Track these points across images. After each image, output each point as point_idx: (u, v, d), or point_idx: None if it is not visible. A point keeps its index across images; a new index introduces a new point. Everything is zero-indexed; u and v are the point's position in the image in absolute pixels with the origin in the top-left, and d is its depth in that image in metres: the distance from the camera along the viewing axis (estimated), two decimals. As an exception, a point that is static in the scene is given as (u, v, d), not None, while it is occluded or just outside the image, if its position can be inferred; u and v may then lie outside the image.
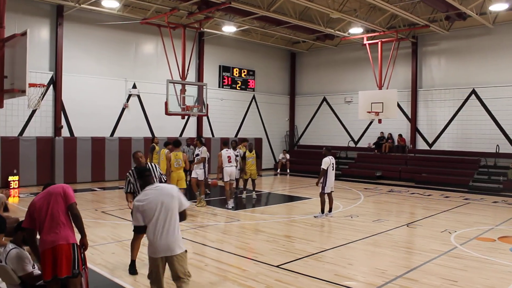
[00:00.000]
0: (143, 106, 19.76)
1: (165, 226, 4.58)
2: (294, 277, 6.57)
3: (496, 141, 18.69)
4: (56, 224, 4.58)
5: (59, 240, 4.54)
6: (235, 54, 23.53)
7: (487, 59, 19.14)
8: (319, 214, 11.29)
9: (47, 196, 4.73)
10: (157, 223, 4.58)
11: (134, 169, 6.80)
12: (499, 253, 8.08)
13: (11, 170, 15.79)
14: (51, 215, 4.59)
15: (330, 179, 11.20)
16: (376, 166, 21.18)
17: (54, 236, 4.54)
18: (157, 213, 4.58)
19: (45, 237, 4.56)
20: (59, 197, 4.69)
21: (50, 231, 4.55)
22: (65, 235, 4.58)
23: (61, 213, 4.64)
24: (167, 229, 4.59)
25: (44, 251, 4.53)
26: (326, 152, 11.38)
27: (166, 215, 4.60)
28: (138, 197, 4.79)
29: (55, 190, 4.77)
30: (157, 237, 4.56)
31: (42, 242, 4.57)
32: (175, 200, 4.70)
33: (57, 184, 4.96)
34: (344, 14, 17.37)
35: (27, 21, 15.99)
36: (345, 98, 24.06)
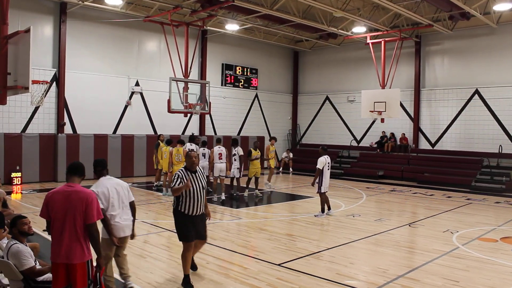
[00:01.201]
0: (145, 103, 19.78)
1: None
2: (295, 276, 6.58)
3: (499, 141, 18.64)
4: (74, 241, 4.27)
5: (74, 258, 4.27)
6: (238, 52, 23.52)
7: (491, 59, 19.08)
8: (319, 213, 11.29)
9: (66, 203, 4.28)
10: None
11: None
12: (501, 253, 8.07)
13: (14, 166, 15.84)
14: (69, 229, 4.26)
15: (325, 179, 11.18)
16: (378, 166, 21.16)
17: (69, 252, 4.25)
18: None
19: (59, 249, 4.27)
20: (79, 212, 4.27)
21: (66, 245, 4.25)
22: (81, 254, 4.29)
23: (79, 231, 4.28)
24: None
25: (58, 265, 4.28)
26: (322, 152, 11.36)
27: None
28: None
29: (76, 203, 4.28)
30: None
31: (55, 253, 4.29)
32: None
33: (80, 190, 4.36)
34: (348, 13, 17.34)
35: (30, 18, 16.02)
36: (348, 97, 24.04)
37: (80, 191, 4.35)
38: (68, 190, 4.36)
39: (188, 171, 6.03)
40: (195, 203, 5.99)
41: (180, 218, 6.08)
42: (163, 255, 7.58)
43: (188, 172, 6.02)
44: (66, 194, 4.33)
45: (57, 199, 4.32)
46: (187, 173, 6.01)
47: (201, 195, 6.04)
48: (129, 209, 5.64)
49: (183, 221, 6.05)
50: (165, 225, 10.01)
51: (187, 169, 6.06)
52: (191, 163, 6.07)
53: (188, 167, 6.07)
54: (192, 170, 6.05)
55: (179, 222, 6.09)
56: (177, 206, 6.05)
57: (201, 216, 6.19)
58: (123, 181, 5.79)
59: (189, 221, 6.03)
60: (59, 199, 4.32)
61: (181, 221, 6.07)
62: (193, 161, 6.06)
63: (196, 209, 6.02)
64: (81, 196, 4.31)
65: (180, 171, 6.04)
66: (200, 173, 6.15)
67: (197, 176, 6.05)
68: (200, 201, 6.05)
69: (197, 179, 6.03)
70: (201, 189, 6.05)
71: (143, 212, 11.42)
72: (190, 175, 5.98)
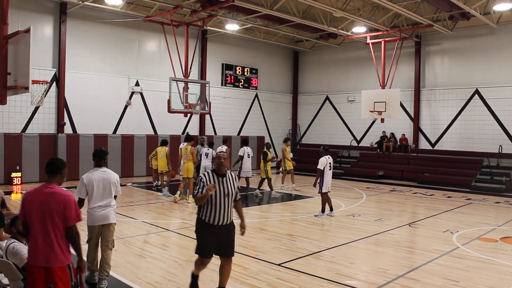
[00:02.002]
0: (145, 103, 19.78)
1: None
2: (295, 276, 6.58)
3: (499, 141, 18.65)
4: (52, 244, 4.04)
5: (53, 261, 4.05)
6: (238, 52, 23.52)
7: (491, 59, 19.08)
8: (320, 213, 11.28)
9: (44, 205, 4.05)
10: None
11: None
12: (501, 253, 8.07)
13: (14, 166, 15.84)
14: (47, 232, 4.03)
15: (327, 179, 11.14)
16: (378, 166, 21.16)
17: (49, 255, 4.04)
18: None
19: (37, 252, 4.06)
20: (57, 215, 4.04)
21: (44, 247, 4.04)
22: (61, 257, 4.08)
23: (58, 234, 4.06)
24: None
25: (36, 268, 4.07)
26: (323, 152, 11.34)
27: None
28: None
29: (54, 205, 4.04)
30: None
31: (33, 256, 4.07)
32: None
33: (59, 192, 4.12)
34: (348, 13, 17.34)
35: (30, 18, 16.02)
36: (348, 97, 24.04)
37: (58, 193, 4.08)
38: (46, 192, 4.10)
39: (215, 174, 5.32)
40: (218, 211, 5.23)
41: (199, 227, 5.38)
42: (163, 255, 7.58)
43: (215, 175, 5.31)
44: (44, 195, 4.08)
45: (34, 200, 4.08)
46: (213, 176, 5.30)
47: (226, 202, 5.26)
48: (112, 201, 6.01)
49: (202, 231, 5.34)
50: (165, 225, 10.02)
51: (214, 172, 5.37)
52: (218, 165, 5.35)
53: (216, 170, 5.39)
54: (220, 173, 5.33)
55: (198, 232, 5.40)
56: (199, 213, 5.37)
57: (227, 227, 5.36)
58: (116, 177, 6.13)
59: (210, 232, 5.28)
60: (35, 200, 4.08)
61: (200, 231, 5.37)
62: (221, 162, 5.33)
63: (219, 218, 5.24)
64: (59, 198, 4.05)
65: (205, 174, 5.33)
66: (229, 178, 5.38)
67: (224, 181, 5.30)
68: (225, 209, 5.26)
69: (223, 184, 5.27)
70: (227, 195, 5.27)
71: (143, 212, 11.43)
72: (217, 179, 5.26)
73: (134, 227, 9.68)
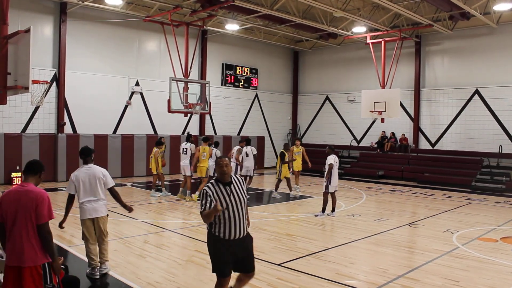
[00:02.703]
0: (145, 103, 19.78)
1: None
2: (295, 276, 6.57)
3: (499, 141, 18.65)
4: (24, 242, 4.03)
5: (25, 261, 4.02)
6: (238, 52, 23.52)
7: (491, 59, 19.08)
8: (320, 213, 11.28)
9: (17, 203, 4.06)
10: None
11: None
12: (501, 253, 8.07)
13: (14, 166, 15.83)
14: (19, 230, 4.03)
15: (334, 178, 11.12)
16: (378, 166, 21.16)
17: (21, 255, 4.02)
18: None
19: (11, 251, 4.07)
20: (30, 212, 4.03)
21: (17, 247, 4.03)
22: (33, 256, 4.04)
23: (31, 232, 4.05)
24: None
25: (9, 267, 4.09)
26: (329, 151, 11.33)
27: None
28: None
29: (27, 203, 4.05)
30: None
31: (8, 256, 4.09)
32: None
33: (32, 190, 4.14)
34: (348, 13, 17.34)
35: (30, 18, 16.02)
36: (348, 97, 24.04)
37: (31, 191, 4.11)
38: (20, 190, 4.13)
39: (220, 184, 4.72)
40: (232, 224, 4.65)
41: (213, 244, 4.74)
42: (163, 255, 7.58)
43: (220, 185, 4.71)
44: (18, 194, 4.10)
45: (9, 199, 4.11)
46: (218, 186, 4.69)
47: (239, 212, 4.69)
48: (101, 195, 6.30)
49: (218, 248, 4.71)
50: (165, 225, 10.02)
51: (218, 182, 4.74)
52: (221, 174, 4.71)
53: (219, 179, 4.77)
54: (224, 181, 4.74)
55: (212, 249, 4.77)
56: (210, 228, 4.76)
57: (243, 240, 4.80)
58: (102, 171, 6.34)
59: (226, 248, 4.68)
60: (10, 199, 4.10)
61: (214, 248, 4.74)
62: (223, 171, 4.69)
63: (234, 231, 4.66)
64: (31, 196, 4.07)
65: (208, 186, 4.69)
66: (237, 184, 4.79)
67: (232, 189, 4.72)
68: (239, 221, 4.69)
69: (232, 193, 4.69)
70: (239, 205, 4.70)
71: (143, 212, 11.43)
72: (224, 189, 4.68)
73: (134, 227, 9.68)
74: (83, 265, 6.59)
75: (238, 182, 4.82)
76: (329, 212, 11.35)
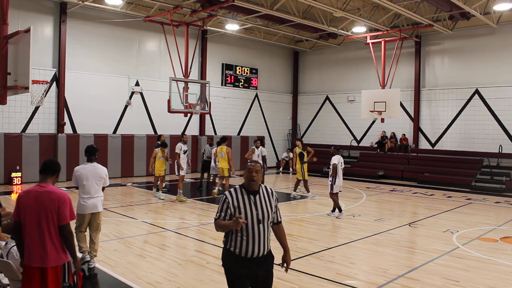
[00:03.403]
0: (145, 103, 19.78)
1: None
2: (296, 276, 6.57)
3: (499, 141, 18.65)
4: (47, 243, 4.06)
5: (49, 262, 4.06)
6: (238, 52, 23.52)
7: (491, 59, 19.07)
8: (331, 212, 11.27)
9: (38, 204, 4.06)
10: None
11: None
12: (501, 253, 8.07)
13: (14, 166, 15.83)
14: (41, 231, 4.05)
15: (339, 179, 11.12)
16: (378, 166, 21.16)
17: (43, 255, 4.05)
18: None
19: (33, 252, 4.08)
20: (52, 213, 4.05)
21: (39, 247, 4.05)
22: (55, 257, 4.09)
23: (53, 233, 4.07)
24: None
25: (31, 268, 4.09)
26: (334, 151, 11.35)
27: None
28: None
29: (49, 204, 4.06)
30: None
31: (28, 257, 4.09)
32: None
33: (53, 191, 4.14)
34: (348, 13, 17.34)
35: (30, 18, 16.02)
36: (348, 97, 24.04)
37: (52, 192, 4.10)
38: (40, 191, 4.12)
39: (244, 191, 3.98)
40: (251, 240, 3.93)
41: (228, 261, 4.03)
42: (163, 255, 7.58)
43: (245, 192, 3.97)
44: (38, 194, 4.09)
45: (28, 200, 4.09)
46: (242, 194, 3.96)
47: (261, 228, 3.97)
48: (100, 192, 6.73)
49: (232, 266, 4.00)
50: (165, 225, 10.02)
51: (243, 188, 4.01)
52: (249, 180, 3.97)
53: (246, 185, 4.02)
54: (251, 189, 4.01)
55: (227, 267, 4.05)
56: (226, 241, 4.08)
57: (263, 259, 4.08)
58: (104, 171, 6.76)
59: (242, 267, 3.96)
60: (30, 200, 4.09)
61: (229, 265, 4.03)
62: (252, 177, 3.94)
63: (253, 249, 3.94)
64: (53, 196, 4.07)
65: (230, 192, 4.00)
66: (264, 195, 4.07)
67: (257, 200, 3.99)
68: (260, 238, 3.97)
69: (256, 205, 3.97)
70: (263, 220, 3.99)
71: (143, 212, 11.43)
72: (247, 198, 3.95)
73: (134, 227, 9.68)
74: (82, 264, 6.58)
75: (267, 193, 4.10)
76: (330, 212, 11.36)
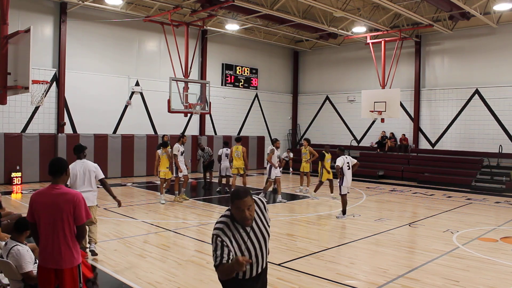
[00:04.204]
0: (145, 103, 19.78)
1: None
2: (296, 276, 6.57)
3: (499, 141, 18.65)
4: (62, 245, 4.07)
5: (64, 263, 4.09)
6: (238, 52, 23.52)
7: (491, 59, 19.07)
8: (340, 215, 11.17)
9: (53, 206, 4.04)
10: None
11: None
12: (501, 253, 8.07)
13: (14, 166, 15.83)
14: (56, 233, 4.05)
15: (347, 179, 11.09)
16: (378, 166, 21.15)
17: (59, 257, 4.07)
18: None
19: (48, 253, 4.09)
20: (67, 215, 4.05)
21: (54, 249, 4.07)
22: (70, 259, 4.11)
23: (68, 234, 4.08)
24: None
25: (47, 269, 4.12)
26: (339, 152, 11.38)
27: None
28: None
29: (64, 205, 4.04)
30: None
31: (44, 258, 4.12)
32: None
33: (67, 192, 4.13)
34: (348, 13, 17.34)
35: (30, 18, 16.03)
36: (348, 97, 24.04)
37: (66, 193, 4.11)
38: (54, 193, 4.09)
39: (237, 225, 3.45)
40: (254, 265, 3.65)
41: (230, 283, 3.61)
42: (163, 255, 7.58)
43: (238, 227, 3.45)
44: (52, 196, 4.07)
45: (43, 202, 4.08)
46: (236, 230, 3.45)
47: (262, 250, 3.65)
48: (92, 185, 7.15)
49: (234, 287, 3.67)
50: (165, 225, 10.02)
51: (235, 221, 3.46)
52: (243, 221, 3.42)
53: (239, 222, 3.45)
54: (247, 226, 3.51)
55: (227, 286, 3.67)
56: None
57: (261, 275, 3.82)
58: (94, 165, 7.18)
59: (242, 286, 3.67)
60: (44, 201, 4.08)
61: (231, 286, 3.66)
62: (245, 217, 3.39)
63: (256, 270, 3.69)
64: (68, 198, 4.07)
65: (222, 230, 3.40)
66: (259, 215, 3.65)
67: (254, 227, 3.55)
68: (261, 258, 3.68)
69: (255, 232, 3.56)
70: (263, 243, 3.64)
71: (143, 212, 11.43)
72: (243, 232, 3.47)
73: (134, 227, 9.68)
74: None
75: (260, 210, 3.67)
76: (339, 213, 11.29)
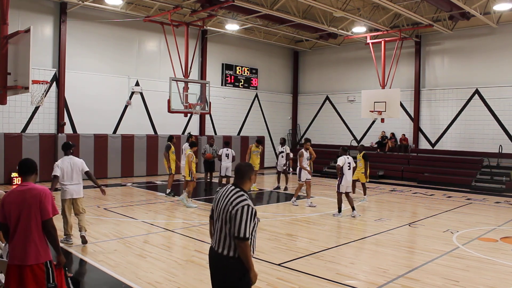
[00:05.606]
0: (145, 103, 19.78)
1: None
2: (295, 276, 6.57)
3: (499, 141, 18.65)
4: (27, 241, 4.03)
5: (28, 259, 4.02)
6: (238, 52, 23.52)
7: (491, 59, 19.08)
8: (336, 213, 11.27)
9: (20, 202, 4.07)
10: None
11: None
12: (501, 253, 8.07)
13: (14, 166, 15.78)
14: (22, 229, 4.04)
15: (346, 179, 11.16)
16: (378, 166, 21.12)
17: (23, 253, 4.02)
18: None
19: (14, 250, 4.06)
20: (34, 210, 4.06)
21: (20, 245, 4.04)
22: (35, 255, 4.04)
23: (34, 230, 4.05)
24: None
25: (11, 266, 4.07)
26: (342, 152, 11.43)
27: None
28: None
29: (31, 200, 4.07)
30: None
31: (11, 255, 4.08)
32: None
33: (34, 187, 4.17)
34: (348, 13, 17.34)
35: (30, 18, 16.03)
36: (348, 97, 24.04)
37: (33, 188, 4.14)
38: (22, 189, 4.15)
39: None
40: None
41: (248, 275, 3.78)
42: (163, 255, 7.58)
43: None
44: (20, 193, 4.12)
45: (12, 200, 4.12)
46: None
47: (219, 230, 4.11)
48: (79, 180, 8.01)
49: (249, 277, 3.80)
50: (165, 225, 10.02)
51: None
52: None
53: (247, 191, 4.09)
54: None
55: (247, 280, 3.78)
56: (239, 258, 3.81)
57: (215, 260, 4.18)
58: (80, 161, 8.07)
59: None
60: (14, 199, 4.11)
61: (249, 279, 3.79)
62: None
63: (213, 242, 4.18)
64: (34, 193, 4.10)
65: (251, 201, 3.89)
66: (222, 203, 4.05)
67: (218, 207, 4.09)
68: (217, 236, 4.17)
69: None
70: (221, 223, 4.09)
71: (143, 212, 11.43)
72: None
73: (134, 227, 9.68)
74: (83, 264, 6.60)
75: (227, 197, 4.00)
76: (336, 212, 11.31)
